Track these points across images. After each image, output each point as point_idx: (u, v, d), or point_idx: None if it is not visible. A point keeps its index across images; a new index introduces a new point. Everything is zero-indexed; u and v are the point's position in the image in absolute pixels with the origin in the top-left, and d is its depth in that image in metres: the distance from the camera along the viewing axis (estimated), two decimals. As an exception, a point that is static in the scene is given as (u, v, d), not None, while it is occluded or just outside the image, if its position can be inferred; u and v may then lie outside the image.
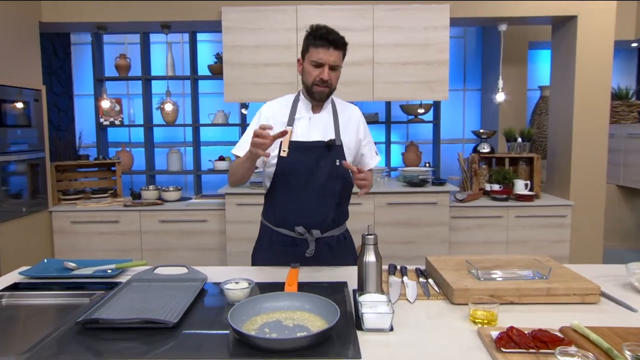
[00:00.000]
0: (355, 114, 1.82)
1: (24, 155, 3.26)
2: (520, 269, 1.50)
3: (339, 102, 1.83)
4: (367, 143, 1.83)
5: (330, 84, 1.67)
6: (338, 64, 1.66)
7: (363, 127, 1.82)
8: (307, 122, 1.72)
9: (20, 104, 3.22)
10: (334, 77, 1.68)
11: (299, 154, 1.67)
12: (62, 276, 1.60)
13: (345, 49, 1.68)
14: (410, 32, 3.41)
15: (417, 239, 3.54)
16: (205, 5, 3.41)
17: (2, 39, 3.03)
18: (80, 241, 3.56)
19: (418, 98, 3.59)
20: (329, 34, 1.62)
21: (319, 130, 1.71)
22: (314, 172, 1.68)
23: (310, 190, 1.69)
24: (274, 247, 1.77)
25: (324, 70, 1.63)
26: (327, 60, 1.63)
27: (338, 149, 1.71)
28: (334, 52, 1.63)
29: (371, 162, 1.86)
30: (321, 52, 1.62)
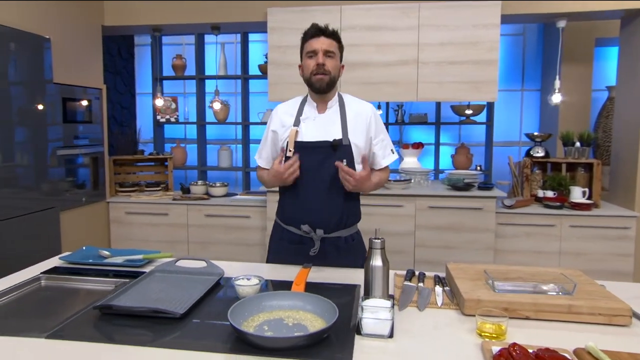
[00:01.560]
0: (365, 111, 1.78)
1: (85, 149, 3.53)
2: (545, 282, 1.41)
3: (349, 100, 1.81)
4: (379, 141, 1.80)
5: (328, 71, 1.68)
6: (332, 50, 1.69)
7: (375, 125, 1.78)
8: (312, 122, 1.74)
9: (83, 102, 3.48)
10: (330, 64, 1.68)
11: (304, 154, 1.68)
12: (95, 263, 1.72)
13: (338, 40, 1.72)
14: (457, 30, 3.29)
15: (460, 245, 3.42)
16: (252, 6, 3.50)
17: (69, 42, 3.30)
18: (134, 231, 3.79)
19: (465, 99, 3.47)
20: (318, 25, 1.70)
21: (325, 130, 1.71)
22: (319, 172, 1.69)
23: (315, 190, 1.71)
24: (283, 244, 1.81)
25: (319, 55, 1.67)
26: (320, 47, 1.67)
27: (345, 149, 1.70)
28: (325, 40, 1.67)
29: (383, 161, 1.82)
30: (313, 42, 1.68)
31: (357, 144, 1.72)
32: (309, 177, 1.70)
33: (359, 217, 1.86)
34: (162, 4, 3.61)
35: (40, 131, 3.03)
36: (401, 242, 3.45)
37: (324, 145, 1.69)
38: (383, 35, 3.38)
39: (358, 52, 3.42)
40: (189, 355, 1.08)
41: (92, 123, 3.60)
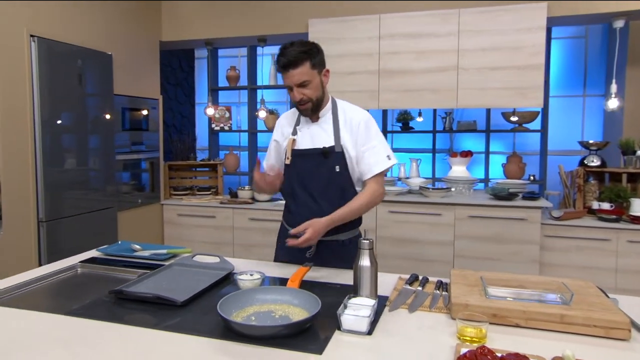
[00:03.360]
0: (356, 118, 1.76)
1: (143, 155, 3.84)
2: (546, 291, 1.36)
3: (343, 107, 1.80)
4: (368, 148, 1.74)
5: (309, 99, 1.68)
6: (304, 79, 1.64)
7: (364, 131, 1.74)
8: (307, 131, 1.79)
9: (141, 112, 3.81)
10: (308, 92, 1.67)
11: (299, 161, 1.77)
12: (126, 255, 1.90)
13: (310, 58, 1.64)
14: (499, 35, 3.21)
15: (501, 257, 3.30)
16: (295, 19, 3.64)
17: (129, 57, 3.64)
18: (184, 232, 4.05)
19: (508, 105, 3.35)
20: (282, 56, 1.64)
21: (319, 138, 1.76)
22: (313, 178, 1.76)
23: (310, 195, 1.77)
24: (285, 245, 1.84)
25: (294, 91, 1.67)
26: (291, 82, 1.65)
27: (337, 156, 1.73)
28: (294, 72, 1.63)
29: (375, 167, 1.74)
30: (285, 77, 1.66)
31: (348, 151, 1.74)
32: (304, 183, 1.78)
33: (358, 221, 1.86)
34: (214, 18, 3.86)
35: (101, 138, 3.37)
36: (440, 252, 3.39)
37: (315, 152, 1.75)
38: (422, 42, 3.37)
39: (397, 59, 3.44)
40: (183, 337, 1.18)
41: (149, 131, 3.91)
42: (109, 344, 1.15)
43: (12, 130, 2.73)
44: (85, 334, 1.20)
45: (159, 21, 4.02)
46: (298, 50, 1.63)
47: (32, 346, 1.13)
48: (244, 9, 3.82)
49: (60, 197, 3.03)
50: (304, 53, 1.63)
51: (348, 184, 1.77)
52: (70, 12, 3.13)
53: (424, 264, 3.42)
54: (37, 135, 2.85)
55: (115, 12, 3.52)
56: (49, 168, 2.93)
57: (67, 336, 1.18)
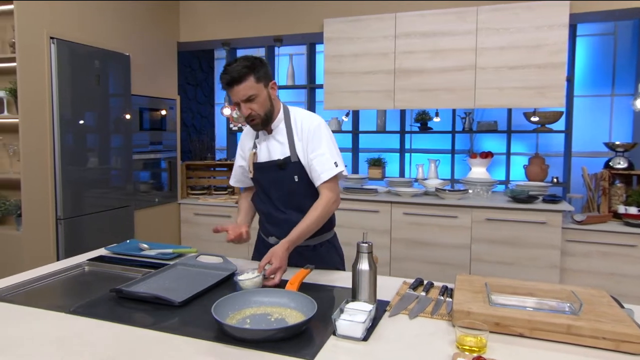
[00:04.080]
0: (307, 125, 1.72)
1: (160, 155, 3.89)
2: (555, 299, 1.30)
3: (295, 117, 1.76)
4: (317, 155, 1.70)
5: (257, 114, 1.66)
6: (250, 93, 1.62)
7: (312, 138, 1.71)
8: (265, 143, 1.77)
9: (159, 112, 3.86)
10: (256, 106, 1.65)
11: (260, 173, 1.78)
12: (133, 254, 1.91)
13: (254, 72, 1.61)
14: (519, 33, 3.11)
15: (520, 261, 3.20)
16: (310, 18, 3.63)
17: (147, 57, 3.69)
18: (201, 231, 4.09)
19: (527, 105, 3.25)
20: (225, 73, 1.62)
21: (275, 150, 1.75)
22: (274, 189, 1.77)
23: (275, 206, 1.78)
24: (260, 250, 1.90)
25: (241, 107, 1.66)
26: (237, 98, 1.63)
27: (294, 166, 1.72)
28: (239, 87, 1.61)
29: (322, 175, 1.69)
30: (231, 94, 1.65)
31: (303, 159, 1.73)
32: (268, 195, 1.79)
33: (328, 226, 1.83)
34: (231, 19, 3.88)
35: (119, 138, 3.42)
36: (455, 255, 3.31)
37: (272, 164, 1.75)
38: (439, 40, 3.30)
39: (413, 58, 3.38)
40: (176, 339, 1.17)
41: (167, 131, 3.96)
42: (102, 343, 1.15)
43: (32, 130, 2.80)
44: (81, 332, 1.21)
45: (176, 22, 4.07)
46: (241, 65, 1.61)
47: (27, 344, 1.14)
48: (259, 9, 3.82)
49: (78, 196, 3.09)
50: (246, 68, 1.61)
51: (310, 191, 1.75)
52: (89, 15, 3.19)
53: (438, 267, 3.34)
54: (56, 134, 2.92)
55: (134, 13, 3.57)
56: (67, 167, 2.99)
57: (63, 334, 1.19)
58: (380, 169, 4.45)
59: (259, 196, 1.84)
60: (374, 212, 3.46)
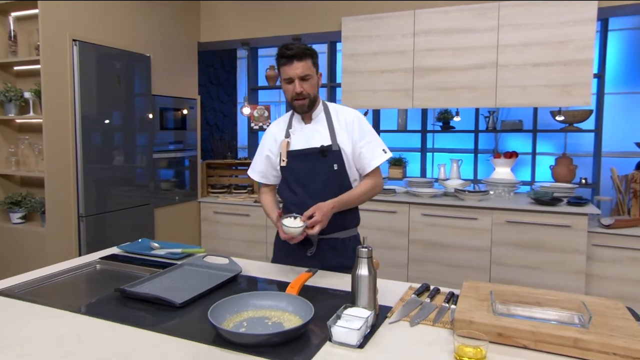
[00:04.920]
0: (349, 116, 1.82)
1: (180, 154, 3.95)
2: (565, 310, 1.24)
3: (334, 108, 1.85)
4: (365, 143, 1.80)
5: (307, 95, 1.73)
6: (307, 73, 1.71)
7: (358, 128, 1.80)
8: (300, 132, 1.82)
9: (180, 111, 3.91)
10: (307, 87, 1.72)
11: (296, 161, 1.80)
12: (144, 253, 1.94)
13: (312, 57, 1.72)
14: (542, 29, 3.00)
15: (543, 266, 3.09)
16: (328, 17, 3.60)
17: (168, 58, 3.75)
18: (220, 229, 4.13)
19: (551, 104, 3.12)
20: (287, 49, 1.69)
21: (314, 138, 1.79)
22: (311, 177, 1.78)
23: (309, 194, 1.77)
24: (285, 243, 1.83)
25: (295, 84, 1.71)
26: (294, 74, 1.69)
27: (334, 154, 1.77)
28: (299, 64, 1.68)
29: (373, 162, 1.80)
30: (287, 69, 1.70)
31: (344, 149, 1.78)
32: (303, 183, 1.79)
33: (356, 220, 1.91)
34: (250, 19, 3.90)
35: (140, 137, 3.49)
36: (475, 258, 3.23)
37: (312, 151, 1.77)
38: (459, 38, 3.22)
39: (433, 56, 3.30)
40: (173, 340, 1.18)
41: (187, 130, 4.02)
42: (100, 343, 1.16)
43: (55, 130, 2.88)
44: (81, 331, 1.23)
45: (197, 22, 4.12)
46: (303, 47, 1.72)
47: (28, 342, 1.16)
48: (278, 9, 3.83)
49: (100, 194, 3.17)
50: (308, 50, 1.72)
51: (346, 182, 1.80)
52: (110, 17, 3.26)
53: (457, 270, 3.27)
54: (77, 134, 3.00)
55: (154, 15, 3.63)
56: (89, 166, 3.07)
57: (64, 333, 1.21)
58: (401, 168, 4.39)
59: (289, 187, 1.84)
60: (391, 212, 3.41)
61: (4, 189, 3.13)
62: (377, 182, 1.83)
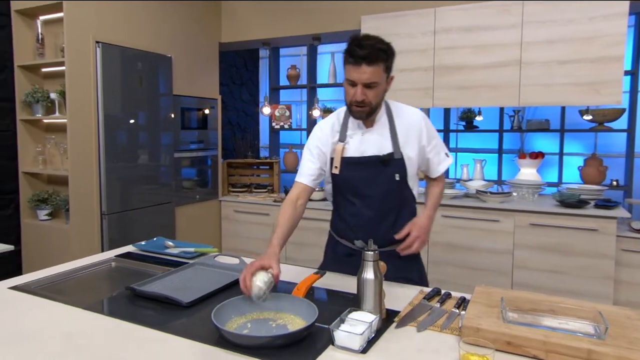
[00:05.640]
0: (415, 119, 1.64)
1: (201, 153, 4.00)
2: (582, 319, 1.18)
3: (396, 109, 1.65)
4: (432, 147, 1.68)
5: (369, 103, 1.50)
6: (374, 80, 1.46)
7: (426, 131, 1.65)
8: (360, 137, 1.62)
9: (201, 111, 3.96)
10: (371, 95, 1.49)
11: (353, 170, 1.61)
12: (158, 252, 1.96)
13: (387, 60, 1.48)
14: (569, 25, 2.89)
15: (568, 270, 2.98)
16: (348, 16, 3.58)
17: (189, 58, 3.80)
18: (240, 228, 4.16)
19: (578, 103, 3.01)
20: (359, 47, 1.43)
21: (374, 145, 1.61)
22: (369, 188, 1.62)
23: (367, 206, 1.63)
24: (337, 256, 1.77)
25: (357, 90, 1.48)
26: (359, 78, 1.46)
27: (397, 163, 1.61)
28: (367, 69, 1.44)
29: (440, 167, 1.72)
30: (352, 70, 1.46)
31: (410, 156, 1.62)
32: (359, 193, 1.64)
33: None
34: (270, 18, 3.92)
35: (161, 137, 3.55)
36: (496, 261, 3.14)
37: (372, 160, 1.60)
38: (481, 35, 3.14)
39: (453, 54, 3.23)
40: (177, 340, 1.18)
41: (208, 129, 4.07)
42: (105, 340, 1.18)
43: (78, 130, 2.96)
44: (89, 328, 1.25)
45: (218, 23, 4.16)
46: (378, 47, 1.45)
47: (36, 337, 1.19)
48: (298, 8, 3.82)
49: (122, 192, 3.24)
50: (383, 52, 1.46)
51: (407, 192, 1.67)
52: (132, 19, 3.32)
53: (478, 273, 3.19)
54: (100, 133, 3.07)
55: (176, 16, 3.68)
56: (111, 164, 3.14)
57: (72, 330, 1.23)
58: (423, 169, 4.32)
59: (345, 196, 1.68)
60: (410, 213, 3.35)
61: (32, 186, 3.24)
62: (444, 186, 1.79)
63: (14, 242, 3.17)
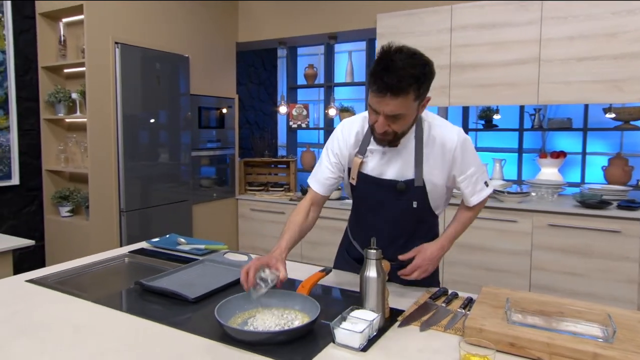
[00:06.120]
0: (450, 142, 1.43)
1: (218, 152, 4.05)
2: (590, 322, 1.15)
3: (430, 129, 1.43)
4: (466, 177, 1.47)
5: (392, 133, 1.34)
6: (400, 112, 1.27)
7: (460, 160, 1.44)
8: (381, 155, 1.47)
9: (218, 110, 4.01)
10: (396, 126, 1.32)
11: (368, 187, 1.50)
12: (170, 248, 2.00)
13: (418, 88, 1.26)
14: (590, 20, 2.81)
15: (590, 273, 2.90)
16: (363, 14, 3.56)
17: (206, 58, 3.85)
18: (256, 226, 4.19)
19: (600, 101, 2.92)
20: (385, 71, 1.22)
21: (394, 167, 1.46)
22: (385, 208, 1.51)
23: (380, 224, 1.53)
24: (349, 260, 1.72)
25: (380, 120, 1.30)
26: (382, 110, 1.28)
27: (417, 190, 1.45)
28: (392, 100, 1.24)
29: (473, 198, 1.51)
30: (374, 98, 1.27)
31: (435, 183, 1.47)
32: (374, 211, 1.55)
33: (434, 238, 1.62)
34: (286, 18, 3.94)
35: (178, 136, 3.60)
36: (513, 262, 3.08)
37: (388, 184, 1.47)
38: (499, 32, 3.08)
39: (470, 52, 3.18)
40: (181, 335, 1.20)
41: (225, 128, 4.11)
42: (111, 333, 1.21)
43: (98, 128, 3.04)
44: (97, 321, 1.28)
45: (235, 23, 4.20)
46: (409, 73, 1.22)
47: (47, 328, 1.23)
48: (314, 7, 3.83)
49: (140, 190, 3.30)
50: (413, 79, 1.23)
51: (427, 216, 1.55)
52: (150, 20, 3.38)
53: (495, 274, 3.14)
54: (119, 132, 3.14)
55: (193, 16, 3.73)
56: (129, 163, 3.21)
57: (82, 321, 1.27)
58: (440, 168, 4.27)
59: (359, 207, 1.60)
60: (426, 213, 3.32)
61: (55, 184, 3.34)
62: (476, 214, 1.57)
63: (37, 238, 3.28)
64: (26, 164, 3.21)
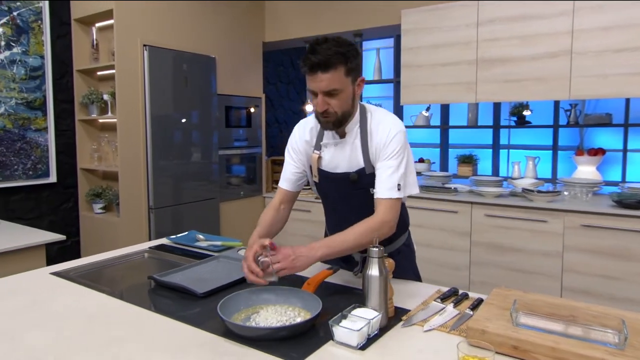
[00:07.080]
0: (384, 131, 1.45)
1: (245, 150, 4.11)
2: (603, 327, 1.09)
3: (373, 118, 1.48)
4: (382, 167, 1.44)
5: (333, 113, 1.39)
6: (334, 87, 1.35)
7: (387, 146, 1.44)
8: (333, 148, 1.52)
9: (245, 110, 4.07)
10: (335, 104, 1.38)
11: (327, 182, 1.56)
12: (188, 245, 2.05)
13: (347, 62, 1.34)
14: (627, 9, 2.66)
15: (626, 276, 2.76)
16: (388, 10, 3.52)
17: (233, 58, 3.91)
18: (283, 224, 4.21)
19: (637, 94, 2.76)
20: (312, 53, 1.33)
21: (345, 159, 1.51)
22: (345, 201, 1.56)
23: (346, 217, 1.51)
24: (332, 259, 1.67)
25: (318, 99, 1.38)
26: (318, 87, 1.36)
27: (369, 177, 1.47)
28: (323, 75, 1.33)
29: (380, 192, 1.43)
30: (309, 79, 1.37)
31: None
32: (337, 206, 1.61)
33: (402, 229, 1.63)
34: (311, 17, 3.95)
35: (206, 135, 3.68)
36: (544, 264, 2.97)
37: (343, 177, 1.52)
38: (528, 25, 2.96)
39: (498, 46, 3.09)
40: (188, 329, 1.22)
41: (252, 127, 4.17)
42: (120, 324, 1.25)
43: (128, 128, 3.15)
44: (110, 312, 1.33)
45: (262, 23, 4.25)
46: (334, 50, 1.33)
47: (63, 317, 1.29)
48: (338, 5, 3.82)
49: (168, 188, 3.40)
50: (339, 55, 1.33)
51: None
52: (177, 22, 3.47)
53: (524, 275, 3.03)
54: (148, 132, 3.24)
55: (220, 17, 3.80)
56: (158, 162, 3.30)
57: (95, 312, 1.32)
58: (471, 166, 4.16)
59: (324, 202, 1.66)
60: (452, 212, 3.25)
61: (89, 182, 3.49)
62: (382, 220, 1.40)
63: (73, 233, 3.43)
64: (63, 163, 3.36)
